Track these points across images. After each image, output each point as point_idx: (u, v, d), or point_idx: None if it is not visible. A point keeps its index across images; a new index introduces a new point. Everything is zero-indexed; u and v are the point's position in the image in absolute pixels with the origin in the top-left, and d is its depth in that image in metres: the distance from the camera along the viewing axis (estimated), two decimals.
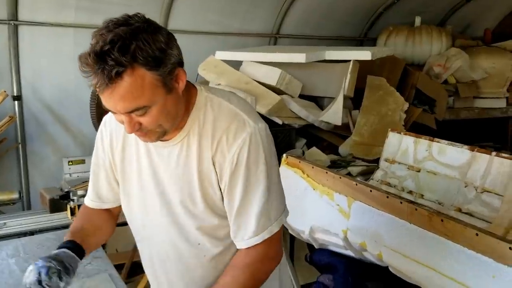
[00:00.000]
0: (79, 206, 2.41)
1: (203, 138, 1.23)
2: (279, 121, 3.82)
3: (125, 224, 1.50)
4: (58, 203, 2.42)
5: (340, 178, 1.99)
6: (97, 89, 1.06)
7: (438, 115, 4.30)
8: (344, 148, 3.87)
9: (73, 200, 2.38)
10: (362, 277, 1.97)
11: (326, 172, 2.07)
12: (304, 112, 3.90)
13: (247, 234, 1.23)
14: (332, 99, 4.03)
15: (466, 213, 2.11)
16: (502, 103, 4.81)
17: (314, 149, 3.81)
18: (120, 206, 1.46)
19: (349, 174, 3.41)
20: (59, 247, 1.28)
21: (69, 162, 2.74)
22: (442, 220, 1.57)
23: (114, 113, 1.13)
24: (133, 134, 1.23)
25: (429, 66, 4.64)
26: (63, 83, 3.96)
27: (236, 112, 1.23)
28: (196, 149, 1.23)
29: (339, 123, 3.88)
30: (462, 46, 4.76)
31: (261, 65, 4.01)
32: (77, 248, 1.29)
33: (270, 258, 1.29)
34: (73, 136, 4.04)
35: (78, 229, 1.38)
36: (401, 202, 1.71)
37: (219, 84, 3.98)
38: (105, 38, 1.04)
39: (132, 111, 1.10)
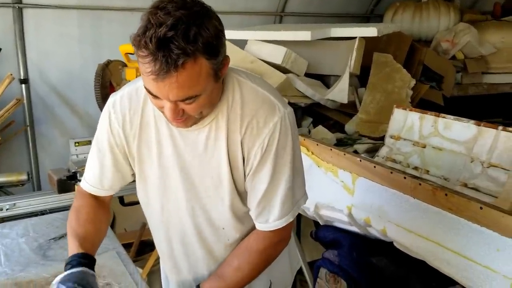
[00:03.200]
0: None
1: (232, 120, 1.21)
2: (285, 100, 3.80)
3: (133, 204, 1.50)
4: (66, 184, 2.44)
5: (345, 155, 1.99)
6: (152, 76, 1.01)
7: (445, 91, 4.26)
8: (350, 126, 3.84)
9: (80, 181, 2.40)
10: (366, 252, 1.98)
11: (331, 149, 2.07)
12: (310, 91, 3.87)
13: (271, 218, 1.25)
14: (338, 77, 4.00)
15: (472, 188, 2.10)
16: (511, 78, 4.74)
17: (320, 127, 3.80)
18: (111, 195, 1.46)
19: (355, 152, 3.41)
20: (75, 263, 1.22)
21: (75, 143, 2.76)
22: (446, 195, 1.57)
23: (155, 98, 1.09)
24: (152, 116, 1.25)
25: (437, 42, 4.58)
26: (69, 65, 3.98)
27: (265, 95, 1.23)
28: (225, 131, 1.22)
29: (345, 101, 3.85)
30: (471, 21, 4.68)
31: (266, 43, 3.98)
32: (91, 262, 1.28)
33: (284, 240, 1.33)
34: (79, 118, 4.07)
35: (84, 236, 1.32)
36: (405, 177, 1.71)
37: None
38: (165, 21, 0.98)
39: (183, 100, 1.07)
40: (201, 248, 1.36)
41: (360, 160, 1.91)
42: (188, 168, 1.27)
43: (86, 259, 1.25)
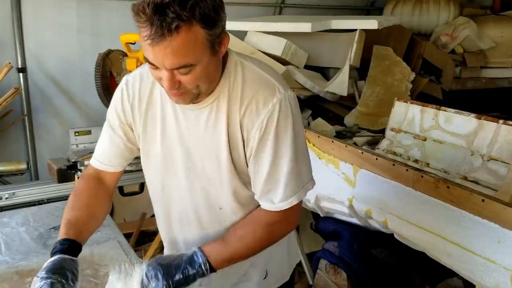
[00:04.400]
0: None
1: (232, 101, 1.22)
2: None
3: (132, 194, 1.50)
4: (66, 173, 2.44)
5: (346, 147, 1.99)
6: (148, 41, 1.04)
7: (444, 85, 4.27)
8: (350, 119, 3.85)
9: (80, 170, 2.39)
10: (367, 244, 1.99)
11: (332, 141, 2.07)
12: (310, 83, 3.87)
13: (276, 199, 1.25)
14: (338, 69, 4.00)
15: (472, 181, 2.11)
16: (509, 73, 4.75)
17: (319, 120, 3.80)
18: (117, 178, 1.46)
19: (354, 144, 3.41)
20: (55, 251, 1.22)
21: (75, 133, 2.75)
22: (448, 187, 1.57)
23: (154, 68, 1.11)
24: (159, 96, 1.28)
25: (436, 35, 4.57)
26: (67, 54, 3.96)
27: (267, 77, 1.23)
28: (225, 112, 1.23)
29: (345, 93, 3.85)
30: (470, 15, 4.68)
31: (266, 35, 3.97)
32: (73, 247, 1.26)
33: (289, 222, 1.32)
34: (78, 108, 4.05)
35: (73, 222, 1.32)
36: (407, 170, 1.72)
37: None
38: None
39: (178, 68, 1.09)
40: (197, 228, 1.38)
41: (362, 152, 1.92)
42: (189, 148, 1.29)
43: (67, 245, 1.24)
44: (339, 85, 3.83)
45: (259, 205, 1.31)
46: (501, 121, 2.08)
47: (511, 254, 1.41)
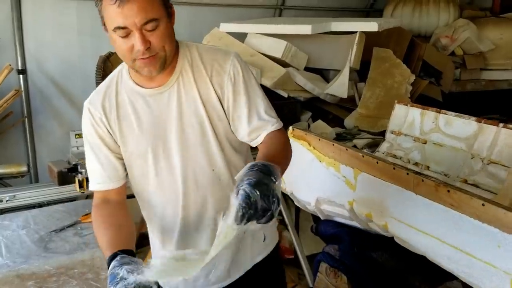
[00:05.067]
0: (87, 179, 2.42)
1: (196, 70, 1.37)
2: (285, 94, 3.81)
3: (129, 197, 1.50)
4: (66, 176, 2.43)
5: (347, 150, 2.00)
6: (117, 3, 1.17)
7: (444, 87, 4.27)
8: (350, 121, 3.86)
9: (81, 173, 2.39)
10: (367, 247, 2.00)
11: (333, 144, 2.07)
12: (310, 85, 3.88)
13: (269, 125, 1.37)
14: (338, 71, 4.00)
15: (472, 185, 2.11)
16: (509, 75, 4.75)
17: (319, 122, 3.81)
18: (124, 191, 1.46)
19: (354, 146, 3.42)
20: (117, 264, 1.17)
21: (76, 135, 2.74)
22: (448, 191, 1.57)
23: (124, 36, 1.22)
24: (126, 95, 1.38)
25: (436, 37, 4.58)
26: (67, 56, 3.96)
27: (217, 47, 1.46)
28: (193, 82, 1.36)
29: (345, 95, 3.86)
30: (470, 17, 4.69)
31: (266, 37, 3.97)
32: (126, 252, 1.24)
33: (290, 145, 1.43)
34: (78, 109, 4.03)
35: (113, 241, 1.29)
36: (407, 173, 1.72)
37: None
38: None
39: (146, 22, 1.21)
40: (200, 196, 1.42)
41: (363, 156, 1.92)
42: (170, 128, 1.37)
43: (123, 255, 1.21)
44: (339, 87, 3.84)
45: (246, 156, 1.48)
46: (501, 124, 2.08)
47: (511, 258, 1.41)
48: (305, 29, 3.72)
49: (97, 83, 2.75)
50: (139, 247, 2.84)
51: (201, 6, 4.33)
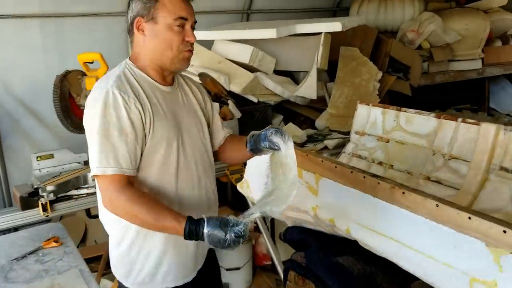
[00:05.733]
0: (50, 202, 2.39)
1: (186, 81, 1.75)
2: (254, 99, 3.80)
3: (96, 216, 1.49)
4: (29, 200, 2.39)
5: (307, 155, 1.99)
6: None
7: (413, 81, 4.29)
8: (321, 122, 3.86)
9: (43, 197, 2.35)
10: (333, 252, 1.98)
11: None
12: (279, 88, 3.87)
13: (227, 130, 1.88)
14: (307, 73, 4.00)
15: (434, 181, 2.12)
16: (477, 64, 4.81)
17: (290, 125, 3.80)
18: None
19: (325, 147, 3.41)
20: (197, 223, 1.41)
21: (37, 157, 2.70)
22: (403, 192, 1.57)
23: (181, 27, 1.54)
24: (147, 89, 1.55)
25: (403, 32, 4.61)
26: (34, 75, 3.89)
27: None
28: (187, 89, 1.73)
29: (314, 97, 3.86)
30: (435, 10, 4.72)
31: (232, 43, 3.96)
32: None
33: None
34: (48, 129, 3.99)
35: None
36: (364, 177, 1.71)
37: (191, 65, 3.93)
38: None
39: (195, 22, 1.62)
40: (205, 178, 1.69)
41: (322, 161, 1.91)
42: (183, 121, 1.63)
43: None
44: (308, 88, 3.84)
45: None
46: (459, 119, 2.09)
47: (468, 258, 1.40)
48: (270, 33, 3.71)
49: (55, 104, 2.71)
50: (109, 266, 2.81)
51: None
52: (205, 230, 1.38)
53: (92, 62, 2.77)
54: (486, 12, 4.80)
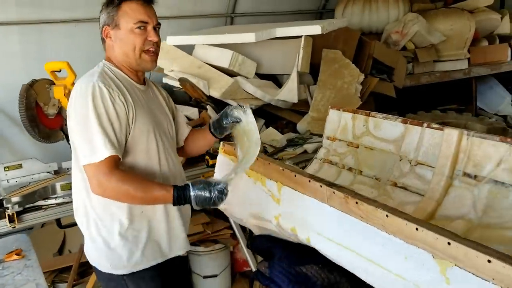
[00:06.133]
0: (17, 213, 2.37)
1: (150, 83, 1.94)
2: (234, 104, 3.77)
3: (71, 225, 1.56)
4: None
5: (269, 164, 1.96)
6: (141, 3, 1.71)
7: (397, 83, 4.26)
8: (302, 125, 3.82)
9: (7, 208, 2.33)
10: (297, 261, 1.95)
11: (257, 159, 2.02)
12: (260, 92, 3.84)
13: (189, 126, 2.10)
14: (290, 76, 3.96)
15: (401, 187, 2.09)
16: (464, 64, 4.77)
17: (270, 129, 3.78)
18: None
19: (305, 151, 3.38)
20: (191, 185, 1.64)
21: (5, 168, 2.67)
22: (356, 202, 1.54)
23: (142, 29, 1.70)
24: (127, 86, 1.73)
25: (387, 33, 4.58)
26: (14, 83, 3.85)
27: None
28: (155, 88, 1.96)
29: (295, 100, 3.82)
30: (420, 10, 4.69)
31: (212, 47, 3.93)
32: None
33: None
34: (29, 137, 3.96)
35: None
36: (321, 186, 1.68)
37: (172, 71, 3.91)
38: None
39: (157, 24, 1.75)
40: (177, 159, 1.93)
41: (283, 169, 1.88)
42: (158, 115, 1.84)
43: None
44: (289, 92, 3.80)
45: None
46: (425, 124, 2.05)
47: (417, 270, 1.37)
48: (248, 37, 3.67)
49: (21, 113, 2.69)
50: (82, 276, 2.79)
51: None
52: (192, 193, 1.59)
53: (59, 71, 2.75)
54: (472, 12, 4.76)
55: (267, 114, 4.05)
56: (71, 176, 2.54)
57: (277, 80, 4.31)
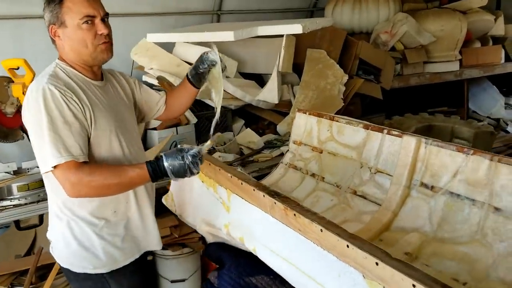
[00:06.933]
0: None
1: (111, 74, 1.88)
2: (213, 103, 3.67)
3: (30, 227, 1.47)
4: None
5: (220, 170, 1.87)
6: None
7: (384, 84, 4.15)
8: (283, 127, 3.73)
9: None
10: (247, 272, 1.87)
11: (209, 164, 1.94)
12: (240, 92, 3.75)
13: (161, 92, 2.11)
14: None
15: (360, 196, 1.99)
16: (455, 66, 4.64)
17: (248, 130, 3.69)
18: None
19: (282, 154, 3.29)
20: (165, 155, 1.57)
21: None
22: (294, 214, 1.45)
23: (90, 24, 1.60)
24: (82, 86, 1.66)
25: (376, 33, 4.46)
26: None
27: None
28: (114, 81, 1.86)
29: (276, 101, 3.73)
30: (410, 10, 4.57)
31: (192, 45, 3.84)
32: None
33: None
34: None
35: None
36: (263, 196, 1.59)
37: (151, 69, 3.83)
38: None
39: (105, 14, 1.65)
40: (138, 142, 1.89)
41: (231, 176, 1.79)
42: (121, 111, 1.79)
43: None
44: (269, 92, 3.71)
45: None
46: (385, 131, 1.95)
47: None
48: (227, 35, 3.57)
49: None
50: (42, 279, 2.72)
51: (129, 16, 4.17)
52: (166, 164, 1.53)
53: (17, 68, 2.68)
54: (465, 13, 4.63)
55: (248, 115, 3.96)
56: (30, 177, 2.46)
57: (262, 80, 4.22)
